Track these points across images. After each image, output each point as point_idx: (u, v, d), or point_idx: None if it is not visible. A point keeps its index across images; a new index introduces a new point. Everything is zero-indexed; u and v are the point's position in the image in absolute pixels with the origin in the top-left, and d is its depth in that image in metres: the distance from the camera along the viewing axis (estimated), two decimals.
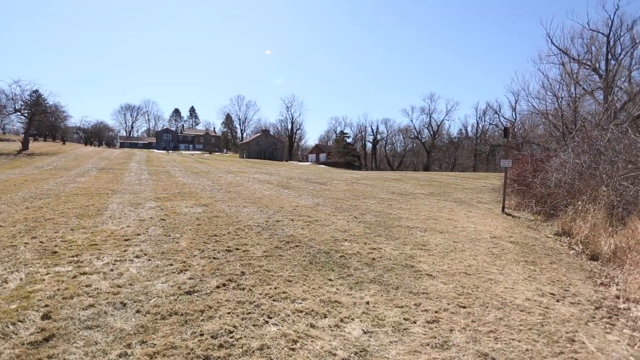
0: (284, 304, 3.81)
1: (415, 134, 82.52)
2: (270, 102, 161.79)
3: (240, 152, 79.51)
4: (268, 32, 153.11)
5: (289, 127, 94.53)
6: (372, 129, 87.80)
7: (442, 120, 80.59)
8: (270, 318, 3.46)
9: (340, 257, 5.55)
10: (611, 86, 21.83)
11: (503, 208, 11.88)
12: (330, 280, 4.59)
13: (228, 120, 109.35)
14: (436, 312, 3.91)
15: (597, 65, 25.26)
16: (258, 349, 2.96)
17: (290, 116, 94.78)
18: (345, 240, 6.53)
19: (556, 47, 23.34)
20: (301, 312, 3.65)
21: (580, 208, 8.73)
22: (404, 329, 3.46)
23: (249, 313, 3.55)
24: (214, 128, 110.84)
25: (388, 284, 4.58)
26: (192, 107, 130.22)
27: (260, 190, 12.89)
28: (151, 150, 72.49)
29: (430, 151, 77.86)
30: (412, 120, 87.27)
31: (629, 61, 23.36)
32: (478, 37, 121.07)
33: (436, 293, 4.45)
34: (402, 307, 3.95)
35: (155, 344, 2.96)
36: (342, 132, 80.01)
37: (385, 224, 8.21)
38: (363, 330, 3.37)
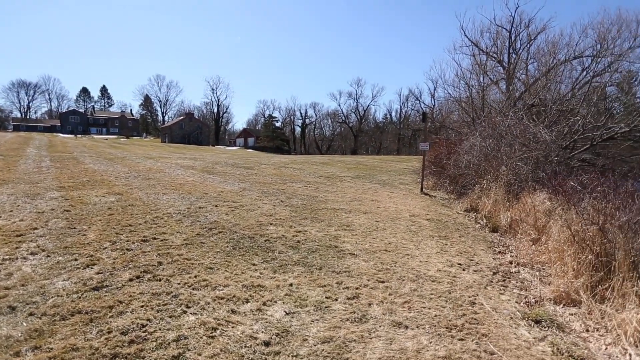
0: (204, 292, 3.66)
1: (343, 118, 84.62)
2: (194, 84, 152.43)
3: (162, 137, 74.39)
4: (190, 7, 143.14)
5: (215, 110, 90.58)
6: (301, 113, 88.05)
7: (369, 105, 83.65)
8: (189, 308, 3.30)
9: (265, 241, 5.50)
10: (512, 77, 24.38)
11: (421, 188, 12.77)
12: (254, 264, 4.52)
13: (147, 102, 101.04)
14: (357, 288, 4.08)
15: (501, 58, 27.99)
16: (174, 340, 2.80)
17: (216, 99, 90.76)
18: (271, 224, 6.48)
19: (468, 39, 25.29)
20: (222, 298, 3.55)
21: (485, 186, 9.73)
22: (326, 307, 3.55)
23: (166, 304, 3.34)
24: (131, 110, 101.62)
25: (312, 265, 4.66)
26: (104, 86, 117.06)
27: (183, 177, 12.21)
28: (55, 134, 64.32)
29: (357, 135, 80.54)
30: (340, 105, 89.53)
31: (526, 55, 26.31)
32: (401, 25, 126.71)
33: (358, 271, 4.63)
34: (325, 286, 4.05)
35: (51, 348, 2.65)
36: (270, 116, 78.89)
37: (311, 207, 8.31)
38: (285, 312, 3.38)
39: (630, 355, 3.26)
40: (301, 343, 2.93)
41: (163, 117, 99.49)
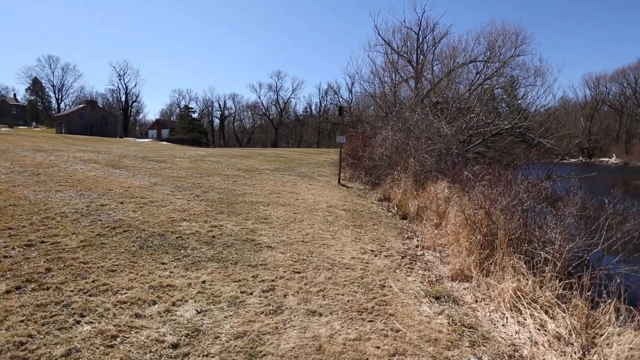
0: (104, 297, 3.33)
1: (264, 110, 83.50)
2: (97, 68, 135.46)
3: (58, 127, 65.29)
4: None
5: (123, 98, 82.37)
6: (220, 105, 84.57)
7: (289, 98, 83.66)
8: (83, 317, 2.97)
9: (177, 238, 5.20)
10: (420, 76, 26.42)
11: (339, 180, 13.23)
12: (163, 264, 4.24)
13: (37, 87, 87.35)
14: (273, 280, 4.08)
15: (411, 58, 30.14)
16: (63, 355, 2.50)
17: (124, 86, 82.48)
18: (184, 220, 6.14)
19: (382, 38, 26.67)
20: (125, 303, 3.26)
21: (396, 177, 10.43)
22: (240, 302, 3.49)
23: (54, 316, 2.96)
24: (15, 95, 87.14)
25: (227, 260, 4.53)
26: None
27: (83, 172, 10.92)
28: None
29: (278, 128, 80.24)
30: (260, 97, 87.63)
31: (432, 57, 28.72)
32: (321, 20, 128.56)
33: (274, 263, 4.63)
34: (240, 280, 3.97)
35: None
36: (186, 107, 74.38)
37: (228, 200, 8.08)
38: (197, 311, 3.24)
39: (507, 318, 3.80)
40: (213, 341, 2.84)
41: (58, 104, 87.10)
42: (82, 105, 69.73)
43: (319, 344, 2.93)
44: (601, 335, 3.31)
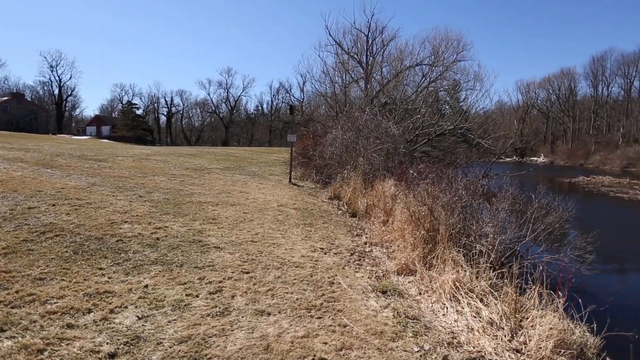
0: (30, 308, 3.05)
1: (213, 108, 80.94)
2: (23, 57, 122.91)
3: None
4: None
5: (56, 92, 75.59)
6: (166, 101, 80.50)
7: (240, 96, 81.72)
8: (4, 331, 2.70)
9: (117, 241, 4.89)
10: (369, 77, 27.13)
11: (290, 179, 13.22)
12: (101, 269, 3.98)
13: None
14: (220, 282, 3.99)
15: (361, 59, 30.84)
16: None
17: (57, 78, 75.49)
18: (126, 222, 5.80)
19: (332, 38, 26.99)
20: (55, 313, 3.01)
21: (346, 176, 10.64)
22: (185, 305, 3.37)
23: None
24: None
25: (172, 263, 4.36)
26: None
27: (7, 171, 9.90)
28: None
29: (228, 126, 78.27)
30: (209, 94, 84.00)
31: (381, 59, 29.61)
32: (272, 18, 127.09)
33: (222, 264, 4.53)
34: (186, 283, 3.84)
35: None
36: (130, 103, 70.02)
37: (175, 201, 7.75)
38: (137, 317, 3.08)
39: (447, 308, 4.04)
40: (155, 347, 2.71)
41: None
42: (6, 98, 63.01)
43: (267, 344, 2.92)
44: (527, 319, 3.64)
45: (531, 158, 59.69)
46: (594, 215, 14.56)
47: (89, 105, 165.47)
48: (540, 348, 3.27)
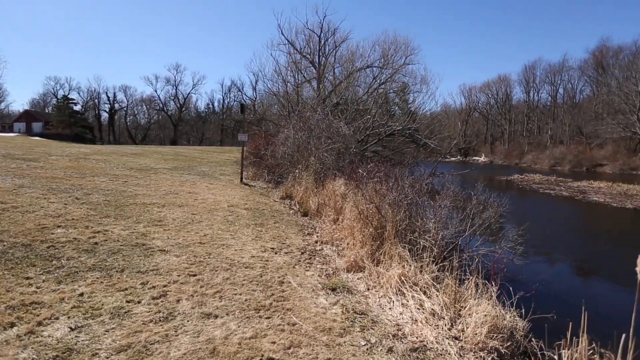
0: None
1: (161, 105, 77.25)
2: None
3: None
4: None
5: None
6: (109, 97, 75.38)
7: (189, 94, 78.67)
8: None
9: (49, 247, 4.51)
10: (322, 78, 27.38)
11: (241, 179, 13.00)
12: (28, 278, 3.65)
13: None
14: (165, 286, 3.83)
15: (314, 59, 31.05)
16: None
17: None
18: (59, 226, 5.37)
19: (285, 37, 26.88)
20: None
21: (297, 175, 10.66)
22: (126, 312, 3.20)
23: None
24: None
25: (112, 268, 4.11)
26: None
27: None
28: None
29: (177, 125, 75.15)
30: (156, 91, 79.71)
31: (333, 59, 29.99)
32: (223, 14, 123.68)
33: (167, 267, 4.35)
34: (127, 289, 3.64)
35: None
36: (66, 97, 64.50)
37: (116, 203, 7.31)
38: (70, 328, 2.87)
39: (393, 301, 4.20)
40: (90, 359, 2.55)
41: None
42: None
43: (213, 347, 2.86)
44: (465, 308, 3.88)
45: (473, 157, 63.64)
46: (525, 210, 15.85)
47: (17, 99, 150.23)
48: (476, 334, 3.51)
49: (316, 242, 6.55)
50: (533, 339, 3.61)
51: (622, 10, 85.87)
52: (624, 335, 2.34)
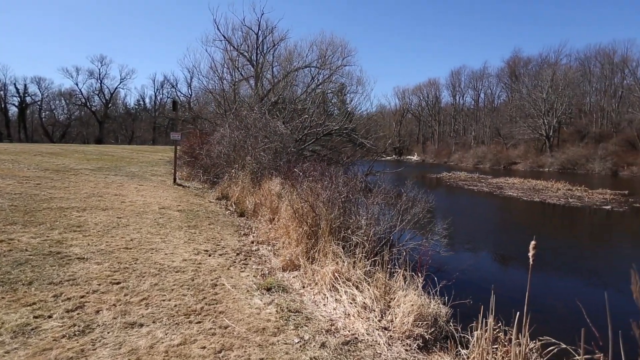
0: None
1: (84, 100, 70.62)
2: None
3: None
4: None
5: None
6: (18, 89, 67.08)
7: (117, 88, 72.81)
8: None
9: None
10: (260, 76, 27.02)
11: (174, 179, 12.38)
12: None
13: None
14: (82, 297, 3.52)
15: (251, 57, 30.51)
16: None
17: None
18: None
19: (221, 34, 26.06)
20: None
21: (234, 175, 10.42)
22: (33, 329, 2.88)
23: None
24: None
25: (17, 282, 3.68)
26: None
27: None
28: None
29: (103, 122, 69.27)
30: (77, 84, 72.52)
31: (272, 58, 29.71)
32: (153, 6, 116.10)
33: (86, 276, 4.01)
34: (34, 304, 3.28)
35: None
36: None
37: (26, 207, 6.56)
38: None
39: (327, 298, 4.30)
40: None
41: None
42: None
43: (137, 358, 2.69)
44: (394, 299, 4.09)
45: (407, 157, 67.23)
46: (452, 205, 17.13)
47: None
48: (404, 323, 3.72)
49: (252, 242, 6.46)
50: (452, 324, 3.92)
51: (531, 26, 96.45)
52: (517, 313, 2.64)
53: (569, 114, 50.22)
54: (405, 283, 4.34)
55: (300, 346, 3.25)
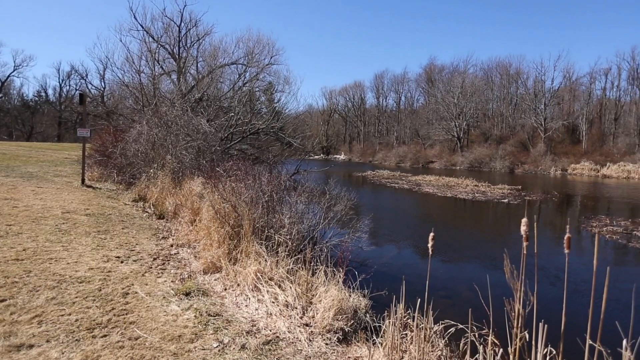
0: None
1: None
2: None
3: None
4: None
5: None
6: None
7: (10, 76, 63.34)
8: None
9: None
10: (183, 71, 25.58)
11: (83, 180, 11.22)
12: None
13: None
14: None
15: (173, 50, 28.71)
16: None
17: None
18: None
19: (139, 23, 24.11)
20: None
21: (152, 175, 9.75)
22: None
23: None
24: None
25: None
26: None
27: None
28: None
29: None
30: None
31: (196, 53, 28.27)
32: None
33: None
34: None
35: None
36: None
37: None
38: None
39: (249, 298, 4.24)
40: None
41: None
42: None
43: None
44: (315, 295, 4.18)
45: (334, 156, 69.08)
46: (375, 202, 18.01)
47: None
48: (324, 318, 3.82)
49: (172, 245, 6.11)
50: (370, 314, 4.13)
51: (444, 36, 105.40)
52: (419, 300, 2.88)
53: (475, 118, 55.87)
54: (326, 279, 4.45)
55: (219, 350, 3.16)
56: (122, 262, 5.08)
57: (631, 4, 77.22)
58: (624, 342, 1.56)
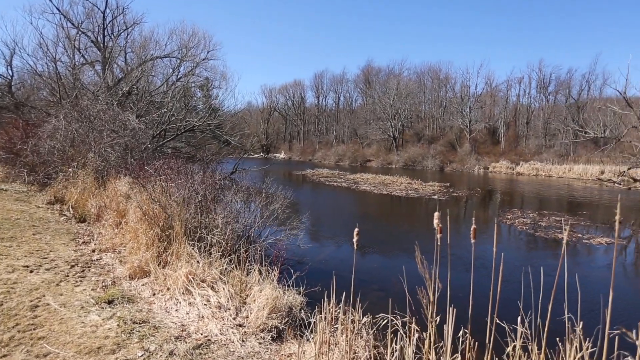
0: None
1: None
2: None
3: None
4: None
5: None
6: None
7: None
8: None
9: None
10: (109, 62, 23.59)
11: None
12: None
13: None
14: None
15: (97, 38, 26.31)
16: None
17: None
18: None
19: (54, 5, 21.75)
20: None
21: (71, 174, 8.89)
22: None
23: None
24: None
25: None
26: None
27: None
28: None
29: None
30: None
31: (125, 43, 26.21)
32: None
33: None
34: None
35: None
36: None
37: None
38: None
39: (180, 302, 4.06)
40: None
41: None
42: None
43: None
44: (249, 295, 4.13)
45: (274, 154, 68.60)
46: (314, 200, 18.22)
47: None
48: (258, 317, 3.78)
49: (93, 250, 5.64)
50: (304, 311, 4.17)
51: (380, 39, 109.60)
52: (345, 292, 2.99)
53: (409, 119, 59.00)
54: (261, 278, 4.41)
55: (145, 359, 2.99)
56: (31, 271, 4.57)
57: (539, 19, 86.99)
58: (519, 318, 1.76)
